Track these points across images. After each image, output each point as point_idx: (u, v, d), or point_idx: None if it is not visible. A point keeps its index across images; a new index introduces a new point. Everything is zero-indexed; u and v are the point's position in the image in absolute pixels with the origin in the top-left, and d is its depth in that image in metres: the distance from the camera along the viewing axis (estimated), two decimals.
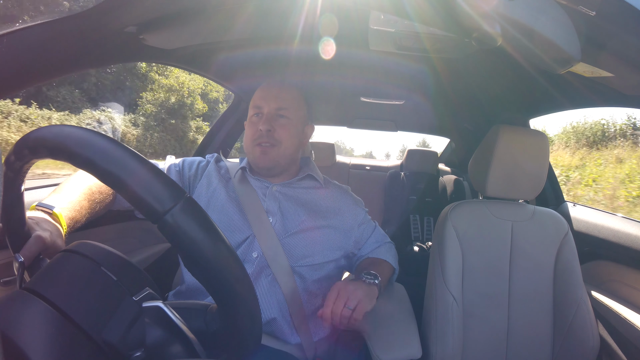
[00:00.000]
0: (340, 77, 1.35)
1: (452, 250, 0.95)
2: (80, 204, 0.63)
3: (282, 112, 0.83)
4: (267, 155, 0.81)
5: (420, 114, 1.88)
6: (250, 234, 0.78)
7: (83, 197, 0.65)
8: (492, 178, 0.98)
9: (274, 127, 0.82)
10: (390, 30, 0.87)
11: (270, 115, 0.82)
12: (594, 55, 0.64)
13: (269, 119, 0.82)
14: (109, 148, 0.32)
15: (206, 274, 0.33)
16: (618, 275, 1.08)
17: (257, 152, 0.82)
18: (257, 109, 0.84)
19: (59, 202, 0.59)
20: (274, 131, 0.81)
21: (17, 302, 0.34)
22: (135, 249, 1.13)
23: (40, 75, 0.58)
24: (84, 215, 0.63)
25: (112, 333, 0.35)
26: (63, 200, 0.61)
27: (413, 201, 2.03)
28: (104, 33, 0.59)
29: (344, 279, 0.97)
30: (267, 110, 0.83)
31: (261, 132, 0.81)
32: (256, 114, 0.84)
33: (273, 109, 0.83)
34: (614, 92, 0.84)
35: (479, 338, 0.94)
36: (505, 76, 1.02)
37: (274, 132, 0.81)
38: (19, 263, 0.43)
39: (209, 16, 0.74)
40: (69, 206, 0.60)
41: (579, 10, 0.50)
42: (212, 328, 0.39)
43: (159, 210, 0.31)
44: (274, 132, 0.81)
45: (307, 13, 0.80)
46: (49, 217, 0.55)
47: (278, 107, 0.83)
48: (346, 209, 0.89)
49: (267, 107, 0.83)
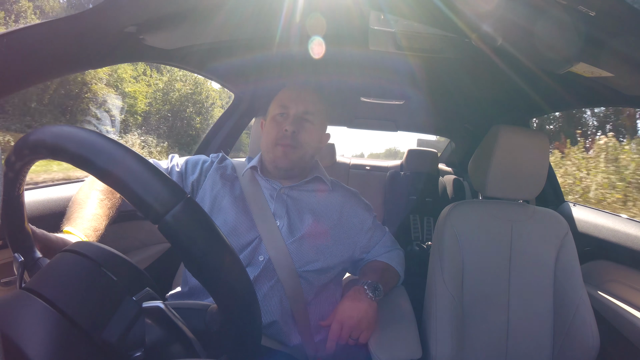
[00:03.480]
0: (340, 76, 1.35)
1: (452, 250, 0.95)
2: (93, 214, 0.65)
3: (308, 116, 0.83)
4: (288, 156, 0.80)
5: (420, 114, 1.88)
6: (257, 236, 0.77)
7: (95, 207, 0.67)
8: (492, 178, 0.98)
9: (299, 130, 0.81)
10: (390, 30, 0.87)
11: (297, 117, 0.82)
12: (594, 55, 0.64)
13: (296, 121, 0.81)
14: (109, 148, 0.32)
15: (206, 274, 0.33)
16: (618, 275, 1.08)
17: (278, 152, 0.81)
18: (283, 109, 0.83)
19: (73, 223, 0.61)
20: (298, 133, 0.81)
21: (17, 302, 0.34)
22: (135, 249, 1.13)
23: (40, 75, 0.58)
24: (101, 222, 0.65)
25: (111, 333, 0.35)
26: (77, 219, 0.63)
27: (413, 201, 2.02)
28: (104, 33, 0.59)
29: (345, 281, 0.97)
30: (295, 111, 0.82)
31: (286, 133, 0.80)
32: (281, 114, 0.83)
33: (300, 111, 0.82)
34: (614, 92, 0.85)
35: (478, 338, 0.94)
36: (505, 76, 1.02)
37: (298, 135, 0.81)
38: (19, 263, 0.43)
39: (209, 16, 0.74)
40: (83, 221, 0.62)
41: (578, 10, 0.50)
42: (212, 328, 0.39)
43: (159, 211, 0.31)
44: (298, 134, 0.81)
45: (307, 13, 0.80)
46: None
47: (305, 110, 0.82)
48: (354, 213, 0.88)
49: (294, 108, 0.82)
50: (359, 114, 1.97)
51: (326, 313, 0.84)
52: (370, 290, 0.75)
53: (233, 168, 0.88)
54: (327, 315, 0.84)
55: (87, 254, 0.39)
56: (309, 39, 0.95)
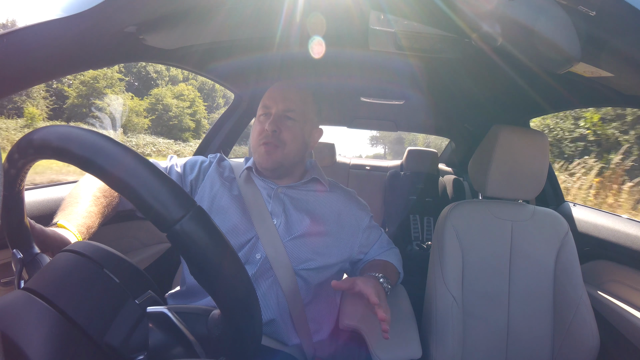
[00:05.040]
0: (340, 77, 1.35)
1: (452, 250, 0.95)
2: (88, 211, 0.64)
3: (290, 113, 0.83)
4: (271, 155, 0.81)
5: (420, 114, 1.88)
6: (254, 235, 0.78)
7: (90, 204, 0.66)
8: (492, 178, 0.98)
9: (280, 128, 0.82)
10: (390, 30, 0.87)
11: (278, 116, 0.83)
12: (594, 55, 0.64)
13: (276, 120, 0.82)
14: (119, 154, 0.31)
15: (213, 282, 0.33)
16: (618, 275, 1.08)
17: (261, 151, 0.82)
18: (265, 109, 0.85)
19: (67, 217, 0.61)
20: (280, 132, 0.82)
21: (18, 302, 0.34)
22: (135, 249, 1.14)
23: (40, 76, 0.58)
24: (95, 220, 0.64)
25: (114, 336, 0.35)
26: (71, 214, 0.62)
27: (413, 201, 2.03)
28: (104, 33, 0.59)
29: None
30: (275, 110, 0.83)
31: (267, 132, 0.81)
32: (264, 114, 0.85)
33: (281, 110, 0.83)
34: (614, 92, 0.85)
35: (479, 338, 0.94)
36: (505, 76, 1.02)
37: (280, 133, 0.82)
38: (17, 259, 0.43)
39: (209, 16, 0.74)
40: (77, 217, 0.62)
41: (579, 10, 0.50)
42: (214, 333, 0.39)
43: (169, 220, 0.30)
44: (279, 133, 0.82)
45: (307, 13, 0.80)
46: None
47: (286, 108, 0.83)
48: (351, 213, 0.88)
49: (275, 107, 0.83)
50: (359, 114, 1.97)
51: (324, 313, 0.84)
52: (383, 279, 0.75)
53: (231, 169, 0.89)
54: (325, 316, 0.84)
55: (89, 255, 0.39)
56: (309, 38, 0.95)
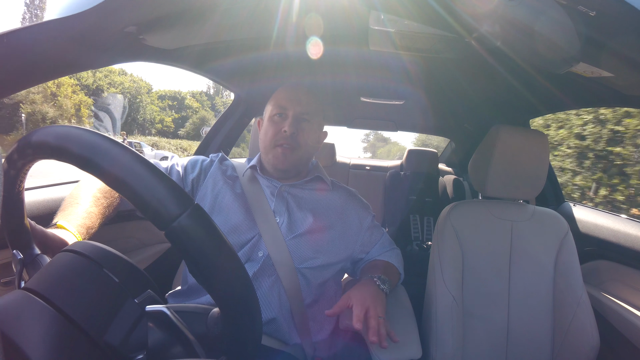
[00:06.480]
0: (340, 77, 1.35)
1: (452, 250, 0.95)
2: (88, 212, 0.64)
3: (306, 116, 0.84)
4: (287, 157, 0.81)
5: (420, 114, 1.88)
6: (256, 233, 0.78)
7: (90, 205, 0.66)
8: (492, 178, 0.98)
9: (297, 131, 0.82)
10: (390, 30, 0.87)
11: (295, 118, 0.82)
12: (594, 55, 0.64)
13: (294, 122, 0.82)
14: (117, 153, 0.31)
15: (211, 281, 0.33)
16: (618, 275, 1.08)
17: (277, 152, 0.82)
18: (281, 109, 0.84)
19: (67, 217, 0.61)
20: (297, 134, 0.82)
21: (17, 302, 0.34)
22: (135, 249, 1.13)
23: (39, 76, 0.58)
24: (95, 221, 0.64)
25: (114, 335, 0.35)
26: (70, 214, 0.62)
27: (413, 201, 2.02)
28: (103, 33, 0.59)
29: (344, 282, 0.97)
30: (293, 112, 0.83)
31: (285, 134, 0.80)
32: (279, 114, 0.84)
33: (298, 112, 0.83)
34: (614, 92, 0.85)
35: (479, 338, 0.94)
36: (505, 76, 1.02)
37: (298, 136, 0.82)
38: (17, 260, 0.43)
39: (209, 16, 0.74)
40: (77, 217, 0.61)
41: (579, 10, 0.50)
42: (213, 333, 0.39)
43: (167, 218, 0.30)
44: (297, 136, 0.82)
45: (308, 13, 0.80)
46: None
47: (303, 111, 0.83)
48: (353, 212, 0.88)
49: (292, 109, 0.83)
50: (359, 114, 1.97)
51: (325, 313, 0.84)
52: (380, 281, 0.76)
53: (233, 168, 0.89)
54: (325, 316, 0.84)
55: (88, 254, 0.39)
56: (309, 38, 0.95)
